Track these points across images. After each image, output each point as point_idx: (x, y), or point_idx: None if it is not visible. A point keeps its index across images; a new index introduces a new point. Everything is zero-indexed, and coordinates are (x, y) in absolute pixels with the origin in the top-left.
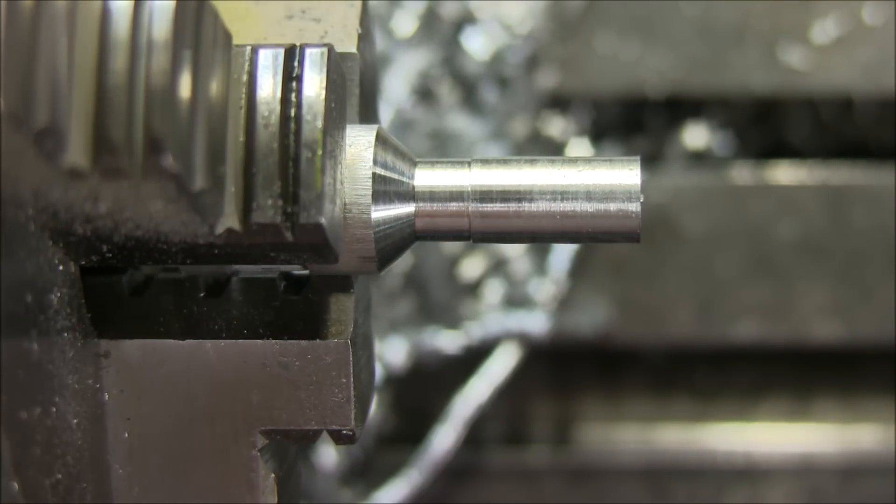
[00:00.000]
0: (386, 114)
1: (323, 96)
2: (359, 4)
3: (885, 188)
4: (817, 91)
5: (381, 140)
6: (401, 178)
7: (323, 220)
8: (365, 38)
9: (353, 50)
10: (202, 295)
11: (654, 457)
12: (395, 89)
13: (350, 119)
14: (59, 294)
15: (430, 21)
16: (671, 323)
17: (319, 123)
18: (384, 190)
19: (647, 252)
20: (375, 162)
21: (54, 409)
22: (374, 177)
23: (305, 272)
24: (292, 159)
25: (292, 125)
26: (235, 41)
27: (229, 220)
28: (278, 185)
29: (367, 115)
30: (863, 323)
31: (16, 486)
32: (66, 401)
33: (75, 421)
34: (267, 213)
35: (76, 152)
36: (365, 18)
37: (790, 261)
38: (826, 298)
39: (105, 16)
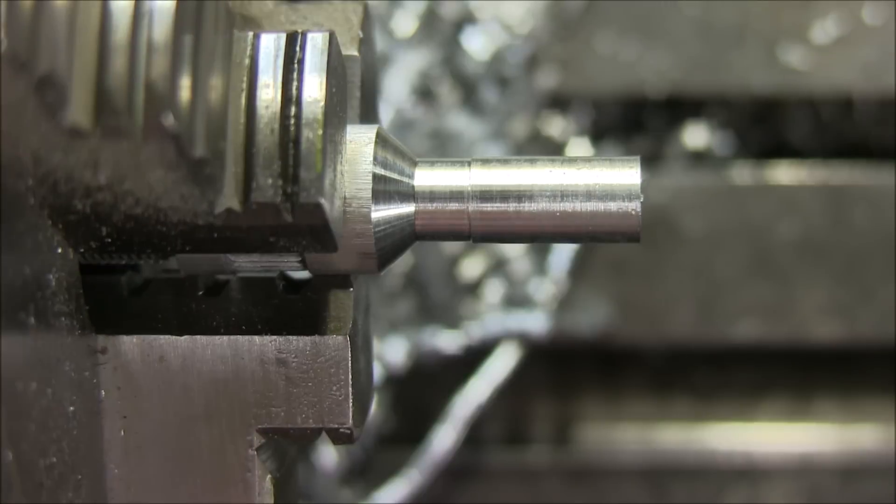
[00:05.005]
0: (386, 114)
1: (324, 78)
2: (360, 9)
3: (885, 188)
4: (817, 91)
5: (381, 140)
6: (401, 177)
7: (323, 201)
8: (366, 41)
9: (355, 53)
10: (201, 294)
11: (654, 457)
12: (395, 89)
13: (350, 120)
14: (57, 276)
15: (430, 21)
16: (671, 323)
17: (321, 104)
18: (384, 189)
19: (647, 252)
20: (375, 161)
21: (50, 391)
22: (374, 176)
23: (305, 274)
24: (293, 140)
25: (293, 107)
26: None
27: (229, 200)
28: (278, 165)
29: (368, 115)
30: (863, 323)
31: (10, 455)
32: (62, 386)
33: (71, 409)
34: (266, 193)
35: (78, 110)
36: (366, 23)
37: (790, 261)
38: (826, 298)
39: None
